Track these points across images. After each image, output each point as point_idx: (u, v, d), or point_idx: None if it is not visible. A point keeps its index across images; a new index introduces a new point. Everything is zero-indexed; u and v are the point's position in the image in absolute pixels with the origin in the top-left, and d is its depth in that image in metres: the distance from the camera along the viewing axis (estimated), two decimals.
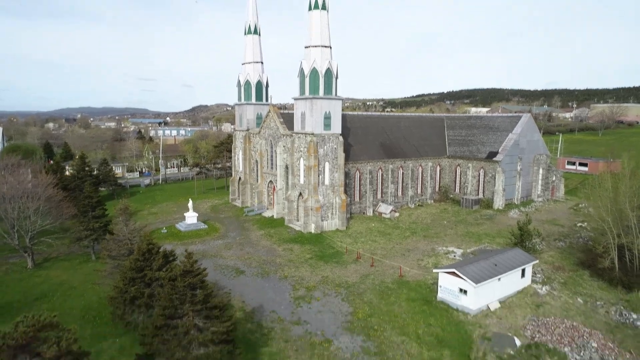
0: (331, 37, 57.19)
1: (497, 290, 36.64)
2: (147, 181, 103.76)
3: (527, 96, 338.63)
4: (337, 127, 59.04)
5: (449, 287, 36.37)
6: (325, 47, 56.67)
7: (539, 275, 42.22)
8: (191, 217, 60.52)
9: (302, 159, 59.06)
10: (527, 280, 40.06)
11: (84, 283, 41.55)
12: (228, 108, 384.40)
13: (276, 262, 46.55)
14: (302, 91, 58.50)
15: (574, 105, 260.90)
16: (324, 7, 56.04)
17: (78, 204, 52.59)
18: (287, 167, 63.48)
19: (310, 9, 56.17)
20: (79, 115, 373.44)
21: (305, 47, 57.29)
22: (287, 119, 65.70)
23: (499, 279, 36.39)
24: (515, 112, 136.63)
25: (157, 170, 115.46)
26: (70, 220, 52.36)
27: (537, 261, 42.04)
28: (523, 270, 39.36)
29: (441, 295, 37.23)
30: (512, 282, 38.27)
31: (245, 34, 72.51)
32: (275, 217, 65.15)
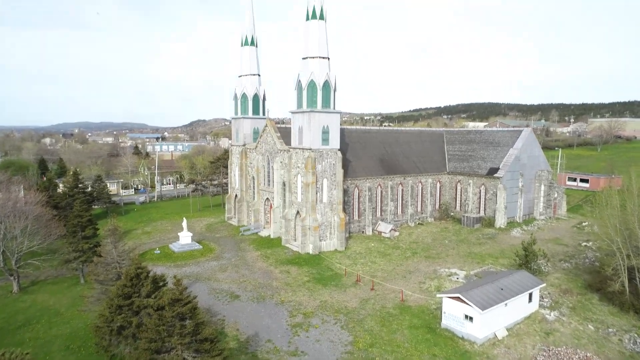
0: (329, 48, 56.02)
1: (504, 317, 34.87)
2: (142, 198, 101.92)
3: (524, 111, 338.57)
4: (335, 142, 57.65)
5: (454, 314, 34.58)
6: (324, 58, 55.47)
7: (547, 300, 40.42)
8: (185, 237, 58.66)
9: (299, 175, 57.56)
10: (534, 305, 38.29)
11: (71, 308, 39.65)
12: (226, 123, 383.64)
13: (273, 285, 44.66)
14: (299, 104, 57.23)
15: (572, 120, 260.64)
16: (321, 17, 54.99)
17: (68, 223, 50.80)
18: (284, 184, 61.95)
19: (307, 19, 55.11)
20: (76, 130, 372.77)
21: (303, 59, 56.05)
22: (285, 134, 64.37)
23: (506, 304, 34.67)
24: (513, 127, 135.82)
25: (153, 187, 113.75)
26: (59, 241, 50.54)
27: (544, 284, 40.34)
28: (530, 295, 37.64)
29: (445, 322, 35.40)
30: (519, 308, 36.51)
31: (242, 45, 71.58)
32: (272, 236, 63.33)
